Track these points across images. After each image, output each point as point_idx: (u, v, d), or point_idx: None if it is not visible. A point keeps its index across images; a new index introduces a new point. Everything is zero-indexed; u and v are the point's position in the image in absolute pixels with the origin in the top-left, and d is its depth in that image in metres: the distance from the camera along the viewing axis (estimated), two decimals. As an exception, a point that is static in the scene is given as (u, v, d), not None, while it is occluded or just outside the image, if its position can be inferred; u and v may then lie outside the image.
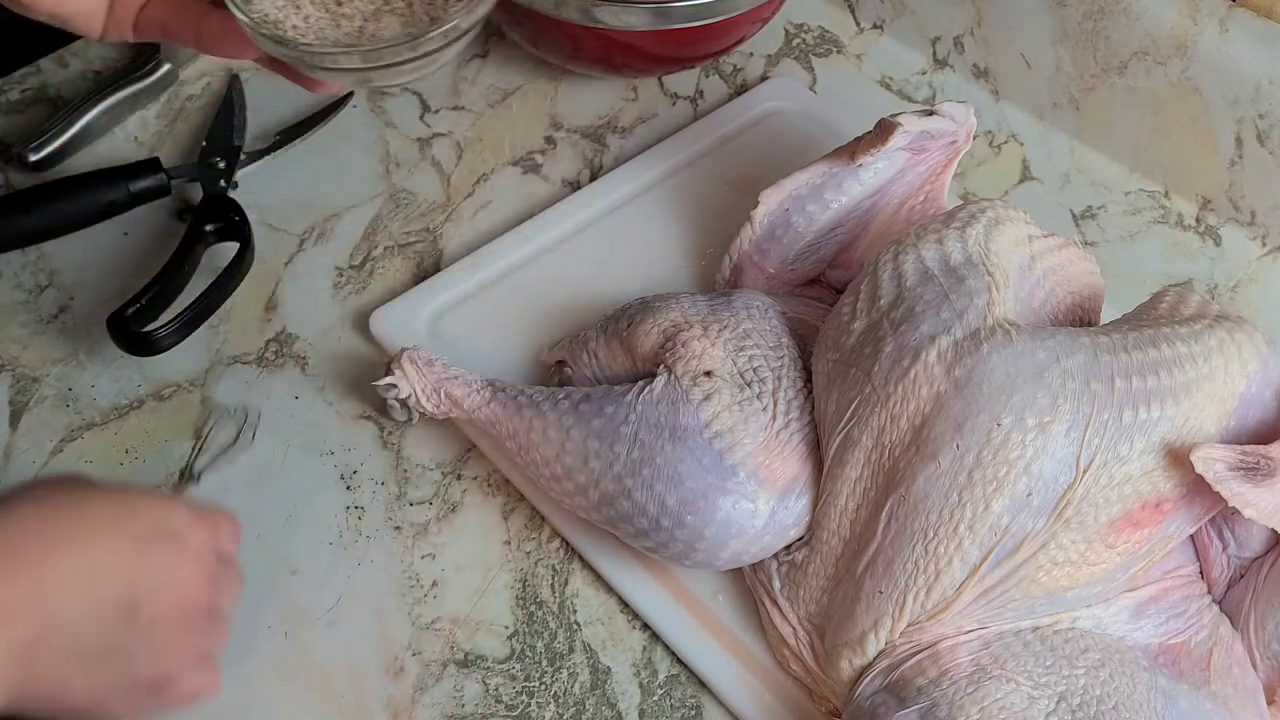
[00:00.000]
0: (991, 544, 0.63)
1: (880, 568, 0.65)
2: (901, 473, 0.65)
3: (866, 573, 0.66)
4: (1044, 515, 0.62)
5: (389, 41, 0.62)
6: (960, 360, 0.65)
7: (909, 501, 0.64)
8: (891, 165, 0.79)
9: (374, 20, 0.63)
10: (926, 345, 0.66)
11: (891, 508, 0.65)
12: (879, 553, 0.65)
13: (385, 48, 0.61)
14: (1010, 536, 0.63)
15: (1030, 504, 0.62)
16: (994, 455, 0.62)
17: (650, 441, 0.68)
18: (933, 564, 0.63)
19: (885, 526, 0.65)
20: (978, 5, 0.98)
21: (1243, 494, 0.62)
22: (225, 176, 0.88)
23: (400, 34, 0.62)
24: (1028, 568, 0.63)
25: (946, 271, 0.68)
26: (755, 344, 0.72)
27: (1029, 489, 0.62)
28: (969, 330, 0.66)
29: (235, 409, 0.79)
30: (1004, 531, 0.63)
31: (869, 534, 0.66)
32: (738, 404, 0.69)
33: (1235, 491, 0.62)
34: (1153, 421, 0.63)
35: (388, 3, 0.63)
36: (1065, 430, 0.62)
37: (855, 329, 0.69)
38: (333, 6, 0.63)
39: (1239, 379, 0.65)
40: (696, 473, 0.67)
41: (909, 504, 0.64)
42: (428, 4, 0.63)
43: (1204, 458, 0.62)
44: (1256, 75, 0.86)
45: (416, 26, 0.62)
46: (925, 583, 0.64)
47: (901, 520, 0.64)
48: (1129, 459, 0.63)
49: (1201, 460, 0.62)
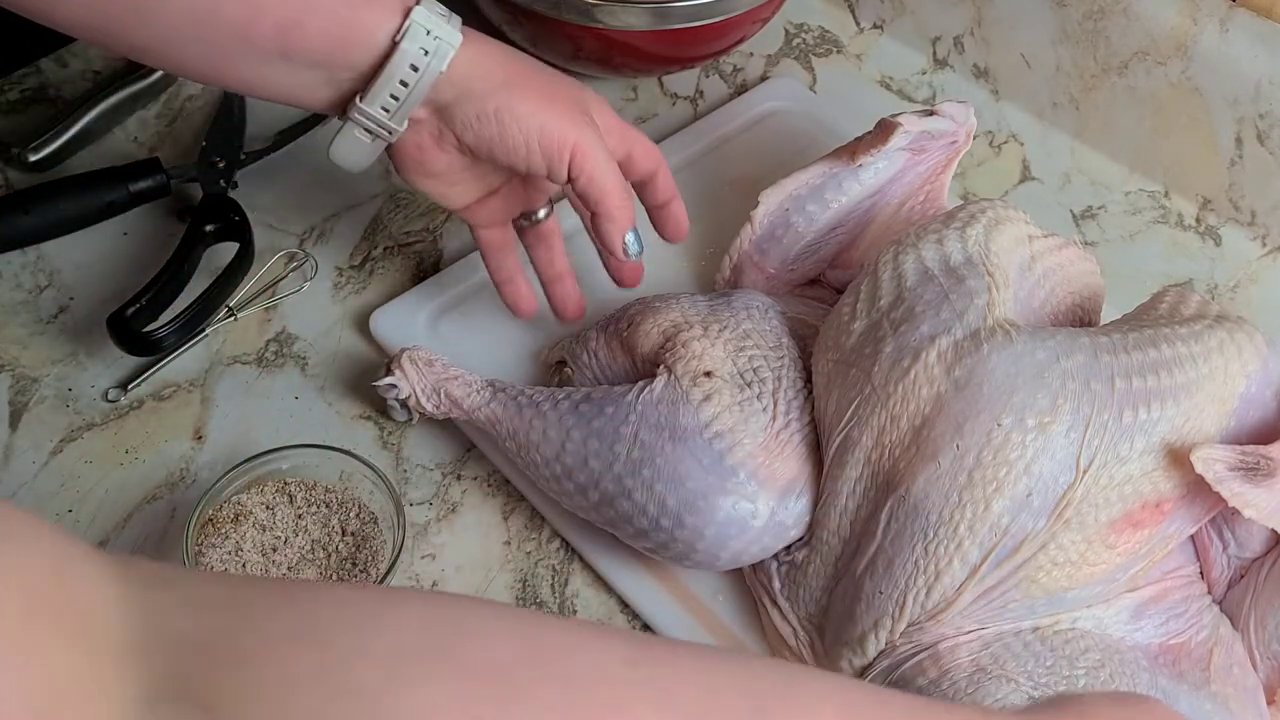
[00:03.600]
0: (991, 544, 0.63)
1: (880, 568, 0.65)
2: (901, 473, 0.65)
3: (866, 573, 0.66)
4: (1044, 515, 0.62)
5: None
6: (960, 360, 0.65)
7: (909, 502, 0.64)
8: (891, 165, 0.79)
9: (295, 570, 0.71)
10: (926, 345, 0.66)
11: (891, 508, 0.65)
12: (879, 553, 0.65)
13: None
14: (1010, 537, 0.63)
15: (1030, 504, 0.62)
16: (994, 456, 0.62)
17: (650, 442, 0.68)
18: (933, 564, 0.63)
19: (885, 527, 0.65)
20: (978, 5, 0.98)
21: (1243, 494, 0.62)
22: (225, 176, 0.88)
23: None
24: (1028, 568, 0.63)
25: (946, 271, 0.68)
26: (755, 344, 0.72)
27: (1029, 489, 0.62)
28: (969, 330, 0.66)
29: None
30: (1004, 532, 0.63)
31: (869, 534, 0.66)
32: (738, 404, 0.69)
33: (1235, 491, 0.62)
34: (1153, 422, 0.63)
35: (310, 554, 0.71)
36: (1065, 430, 0.62)
37: (855, 329, 0.69)
38: (268, 552, 0.71)
39: (1239, 379, 0.65)
40: (696, 473, 0.67)
41: (909, 504, 0.64)
42: (341, 559, 0.71)
43: (1204, 458, 0.62)
44: (1256, 75, 0.86)
45: (329, 576, 0.71)
46: (925, 583, 0.64)
47: (901, 521, 0.64)
48: (1129, 459, 0.63)
49: (1201, 460, 0.62)
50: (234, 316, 0.83)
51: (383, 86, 0.67)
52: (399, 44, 0.66)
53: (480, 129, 0.69)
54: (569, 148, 0.69)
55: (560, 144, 0.68)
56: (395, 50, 0.66)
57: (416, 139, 0.70)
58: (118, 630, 0.34)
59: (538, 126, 0.68)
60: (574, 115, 0.70)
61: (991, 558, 0.63)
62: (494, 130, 0.68)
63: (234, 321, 0.83)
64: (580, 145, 0.69)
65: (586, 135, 0.69)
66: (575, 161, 0.69)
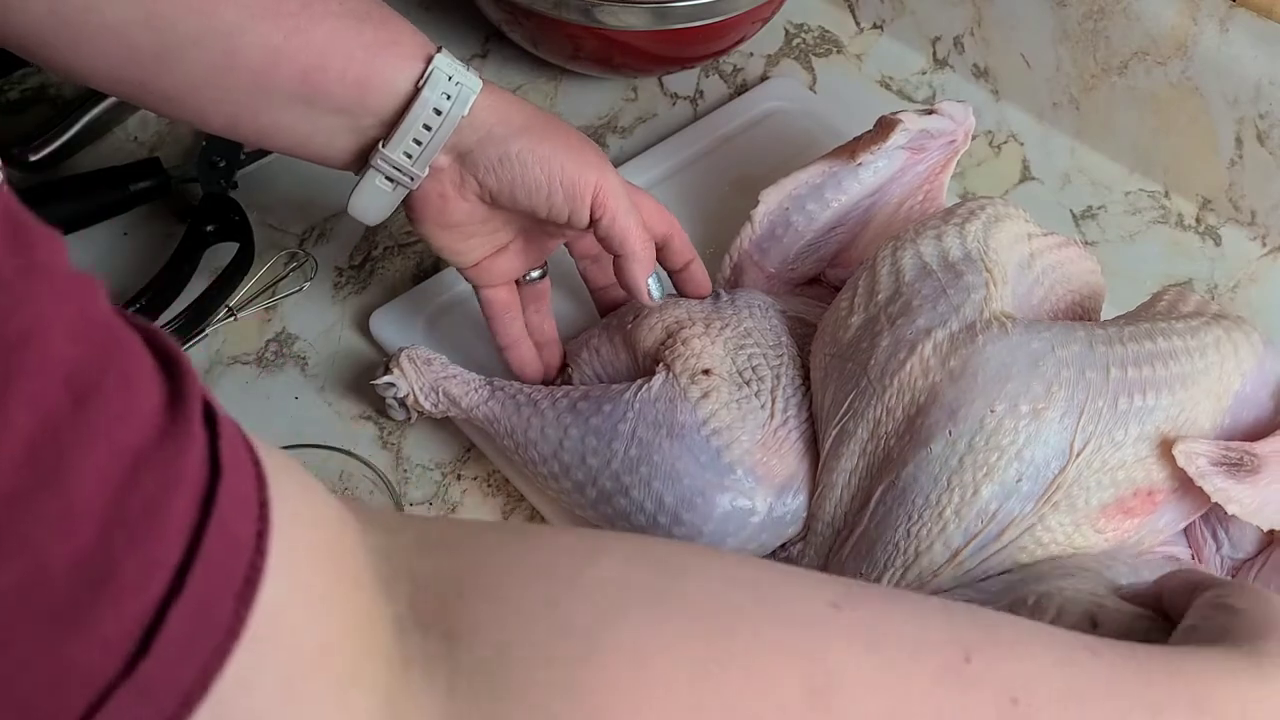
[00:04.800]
0: (977, 530, 0.63)
1: (863, 550, 0.65)
2: (894, 461, 0.65)
3: (850, 556, 0.66)
4: (1032, 500, 0.62)
5: None
6: (956, 351, 0.65)
7: (898, 487, 0.64)
8: (891, 165, 0.79)
9: None
10: (922, 339, 0.66)
11: (881, 494, 0.65)
12: (863, 536, 0.65)
13: None
14: (996, 523, 0.63)
15: (1019, 489, 0.62)
16: (986, 441, 0.62)
17: (648, 439, 0.68)
18: (913, 546, 0.63)
19: (872, 512, 0.65)
20: (978, 5, 0.98)
21: (1225, 489, 0.62)
22: (225, 176, 0.88)
23: None
24: (1011, 549, 0.63)
25: (945, 267, 0.68)
26: (755, 343, 0.72)
27: (1019, 474, 0.62)
28: (965, 323, 0.66)
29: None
30: (990, 517, 0.63)
31: (858, 521, 0.66)
32: (735, 402, 0.70)
33: (1218, 487, 0.62)
34: (1148, 409, 0.63)
35: None
36: (1059, 416, 0.62)
37: (853, 323, 0.69)
38: None
39: (1234, 377, 0.65)
40: (694, 470, 0.67)
41: (897, 489, 0.64)
42: None
43: (1186, 451, 0.62)
44: (1256, 75, 0.86)
45: None
46: (903, 563, 0.64)
47: (888, 505, 0.64)
48: (1123, 444, 0.62)
49: (1184, 454, 0.62)
50: (234, 316, 0.83)
51: (406, 131, 0.67)
52: (421, 90, 0.67)
53: (502, 172, 0.69)
54: (591, 188, 0.70)
55: (583, 185, 0.69)
56: (418, 96, 0.67)
57: (438, 188, 0.71)
58: (369, 570, 0.37)
59: (559, 167, 0.69)
60: (592, 159, 0.71)
61: (975, 543, 0.63)
62: (516, 173, 0.69)
63: (234, 321, 0.83)
64: (602, 186, 0.70)
65: (608, 177, 0.70)
66: (598, 201, 0.70)
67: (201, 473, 0.32)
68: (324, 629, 0.35)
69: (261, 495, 0.34)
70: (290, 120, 0.67)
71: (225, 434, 0.33)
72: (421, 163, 0.69)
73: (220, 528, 0.32)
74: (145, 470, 0.30)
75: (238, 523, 0.33)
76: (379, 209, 0.72)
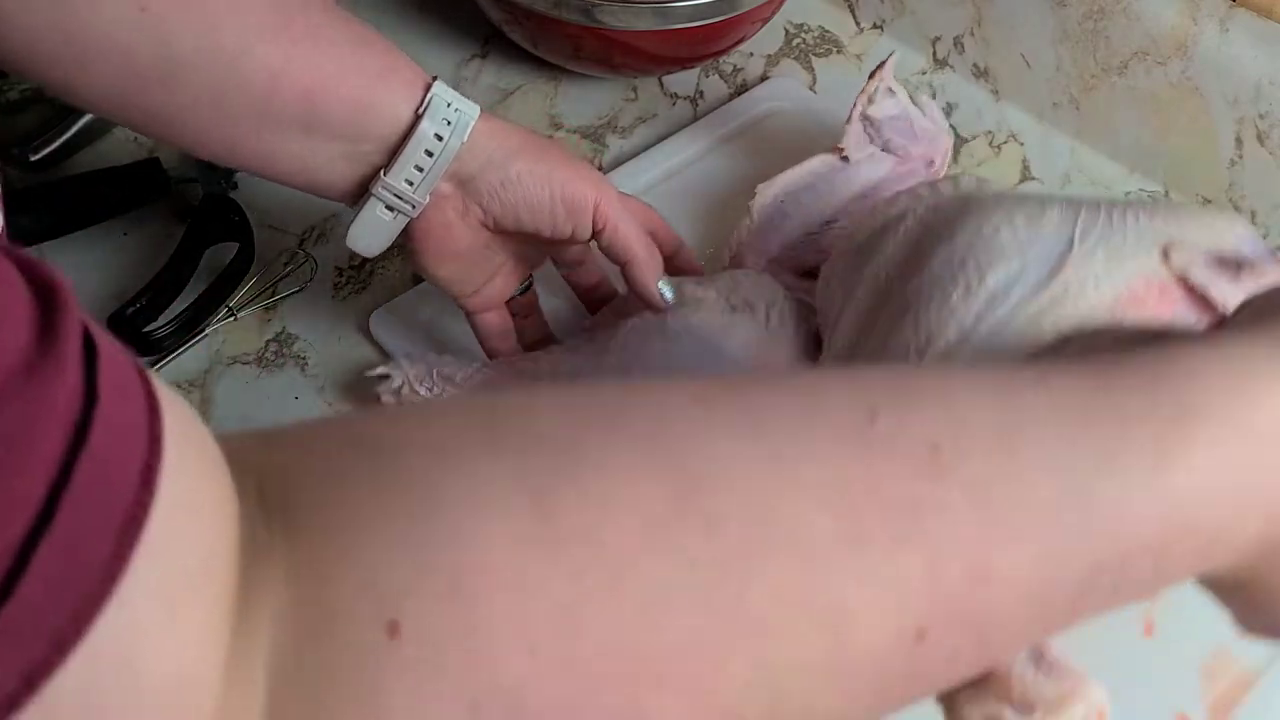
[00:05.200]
0: (985, 307, 0.60)
1: (875, 351, 0.64)
2: (895, 291, 0.64)
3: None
4: (1041, 290, 0.60)
5: None
6: (949, 205, 0.66)
7: (899, 302, 0.63)
8: (881, 166, 0.81)
9: None
10: (915, 204, 0.67)
11: (883, 320, 0.64)
12: (874, 342, 0.64)
13: None
14: (1005, 305, 0.60)
15: (1025, 278, 0.60)
16: (985, 245, 0.61)
17: (636, 346, 0.72)
18: (924, 335, 0.61)
19: (876, 332, 0.64)
20: (978, 5, 0.98)
21: (1226, 292, 0.57)
22: (225, 176, 0.88)
23: None
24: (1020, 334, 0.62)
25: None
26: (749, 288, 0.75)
27: (1023, 265, 0.60)
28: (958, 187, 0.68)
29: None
30: (998, 297, 0.60)
31: (867, 336, 0.66)
32: (725, 314, 0.72)
33: (1221, 289, 0.58)
34: (1149, 224, 0.60)
35: None
36: (1056, 223, 0.60)
37: (857, 239, 0.71)
38: None
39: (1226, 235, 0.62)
40: (689, 362, 0.70)
41: (899, 304, 0.63)
42: None
43: (1182, 253, 0.59)
44: (1256, 75, 0.86)
45: None
46: (916, 350, 0.61)
47: (892, 319, 0.63)
48: (1124, 241, 0.60)
49: (1180, 255, 0.59)
50: (234, 316, 0.83)
51: (408, 158, 0.67)
52: (421, 116, 0.67)
53: (505, 195, 0.70)
54: (591, 201, 0.71)
55: (584, 199, 0.70)
56: (419, 122, 0.67)
57: (442, 217, 0.71)
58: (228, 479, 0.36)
59: (560, 184, 0.70)
60: (586, 173, 0.72)
61: (986, 326, 0.60)
62: (519, 194, 0.70)
63: (234, 321, 0.83)
64: (602, 198, 0.71)
65: (606, 190, 0.72)
66: (599, 213, 0.71)
67: (74, 404, 0.30)
68: (206, 551, 0.33)
69: (154, 427, 0.32)
70: (289, 146, 0.67)
71: (105, 364, 0.31)
72: (423, 189, 0.69)
73: (93, 460, 0.30)
74: (5, 403, 0.29)
75: (119, 455, 0.31)
76: (379, 240, 0.72)
